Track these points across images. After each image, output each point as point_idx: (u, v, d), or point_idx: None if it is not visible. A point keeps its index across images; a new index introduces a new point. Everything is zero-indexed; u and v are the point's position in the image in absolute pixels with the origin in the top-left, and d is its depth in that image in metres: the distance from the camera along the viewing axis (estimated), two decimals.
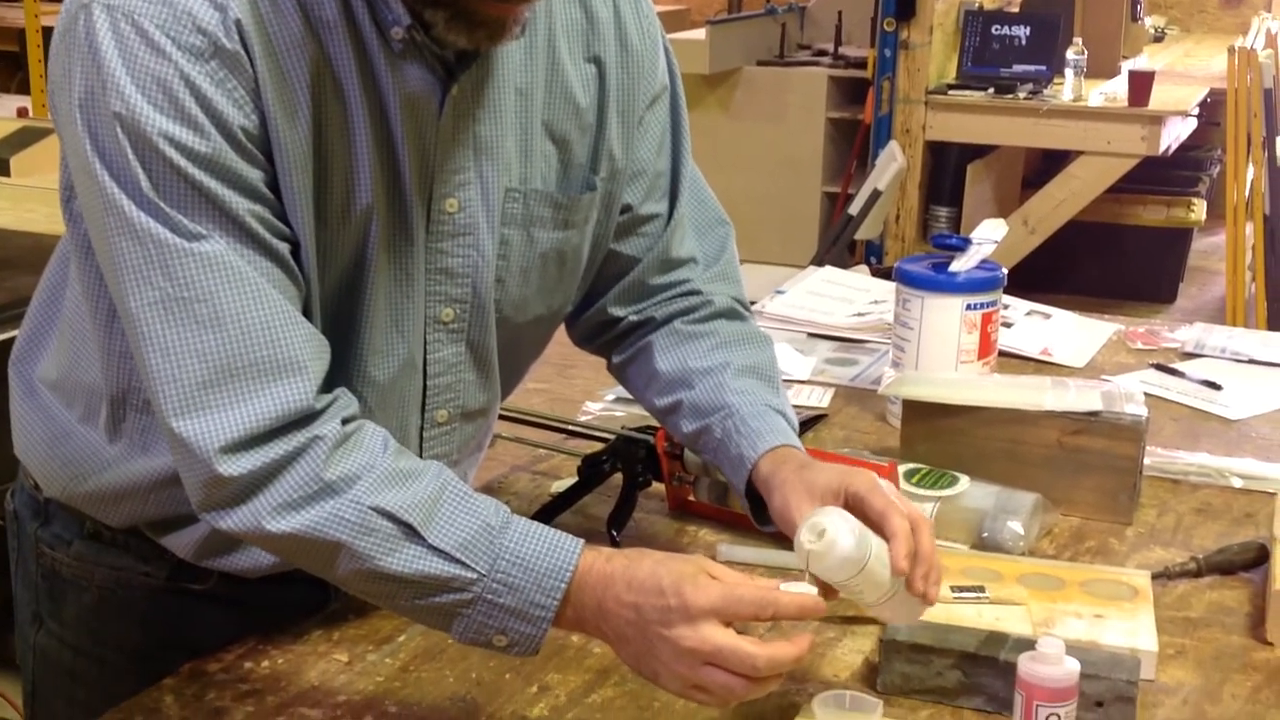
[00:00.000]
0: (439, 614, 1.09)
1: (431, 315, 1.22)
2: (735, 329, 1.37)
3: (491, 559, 1.07)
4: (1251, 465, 1.72)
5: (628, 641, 1.07)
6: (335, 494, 1.07)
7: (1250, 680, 1.25)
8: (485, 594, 1.07)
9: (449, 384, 1.26)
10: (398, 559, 1.07)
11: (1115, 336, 2.24)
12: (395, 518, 1.07)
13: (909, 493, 1.50)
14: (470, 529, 1.08)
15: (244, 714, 1.16)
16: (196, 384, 1.06)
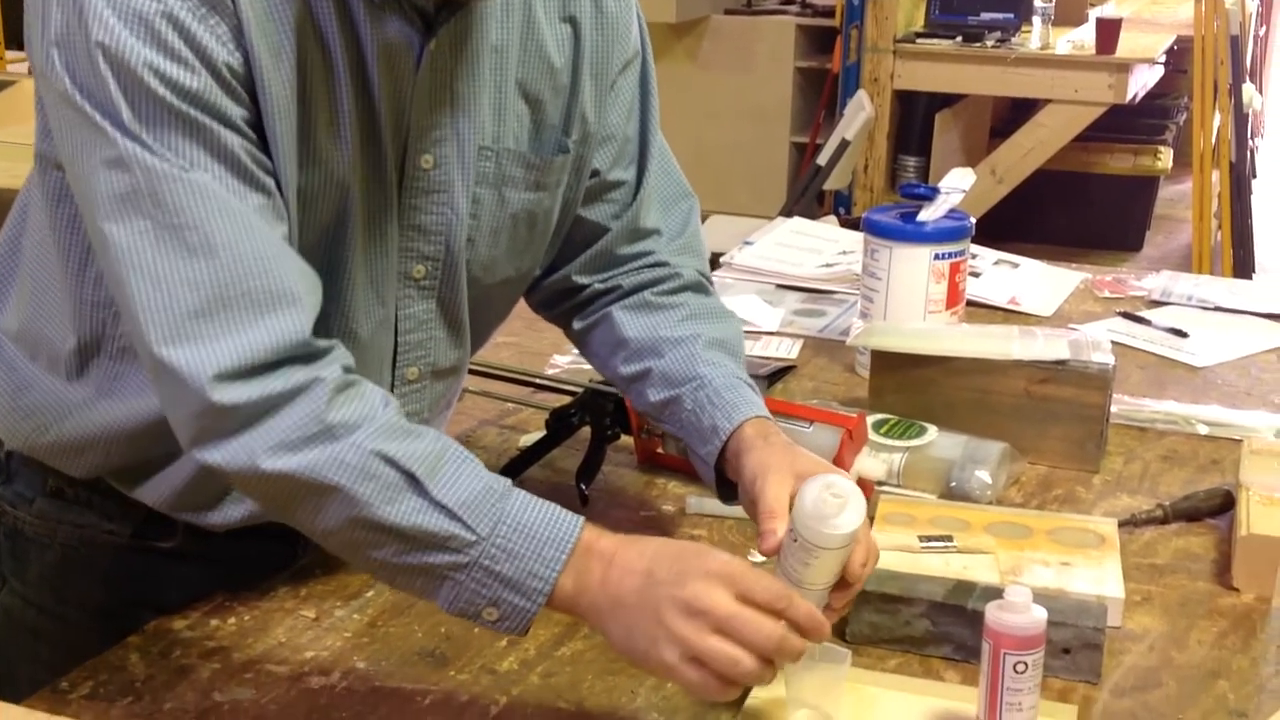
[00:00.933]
0: (428, 576, 1.05)
1: (402, 271, 1.21)
2: (703, 303, 1.37)
3: (493, 522, 1.04)
4: (1217, 412, 1.73)
5: (625, 610, 1.02)
6: (336, 438, 1.03)
7: (1216, 626, 1.26)
8: (483, 559, 1.03)
9: (420, 341, 1.25)
10: (396, 509, 1.03)
11: (1082, 285, 2.25)
12: (399, 465, 1.04)
13: (877, 443, 1.50)
14: (474, 489, 1.05)
15: (210, 671, 1.15)
16: (188, 313, 1.02)
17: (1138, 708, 1.13)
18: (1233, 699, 1.15)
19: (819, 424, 1.47)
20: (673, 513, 1.45)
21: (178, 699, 1.11)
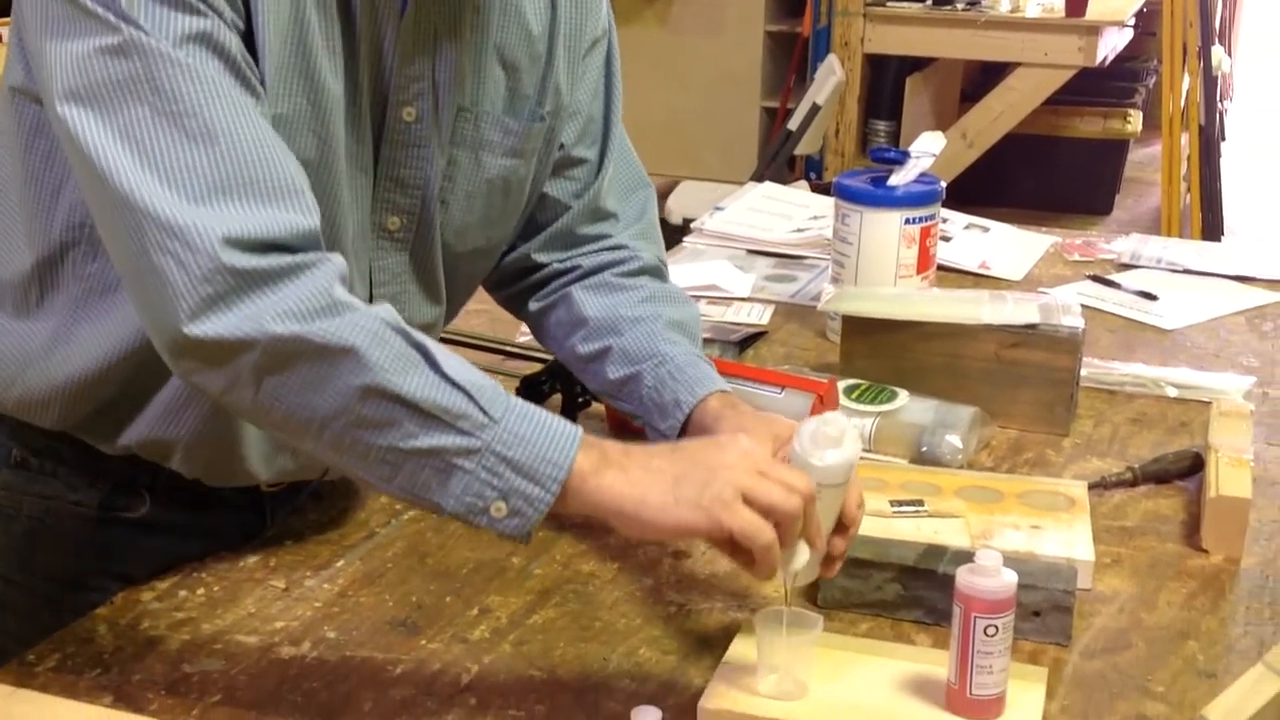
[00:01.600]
0: (435, 465, 1.00)
1: (377, 222, 1.20)
2: (663, 287, 1.37)
3: (504, 408, 1.01)
4: (1186, 375, 1.73)
5: (663, 472, 1.02)
6: (344, 311, 1.01)
7: (1185, 587, 1.27)
8: (495, 444, 1.00)
9: (394, 295, 1.24)
10: (410, 380, 0.99)
11: (1052, 249, 2.25)
12: (411, 338, 1.02)
13: (849, 409, 1.50)
14: (482, 379, 1.03)
15: (179, 642, 1.14)
16: (191, 198, 0.99)
17: (1107, 669, 1.14)
18: (1202, 660, 1.16)
19: (790, 389, 1.47)
20: None
21: (146, 670, 1.11)
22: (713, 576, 1.26)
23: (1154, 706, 1.09)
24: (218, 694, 1.08)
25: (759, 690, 1.05)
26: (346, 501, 1.37)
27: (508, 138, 1.25)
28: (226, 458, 1.22)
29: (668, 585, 1.24)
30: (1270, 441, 1.57)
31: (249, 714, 1.05)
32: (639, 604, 1.22)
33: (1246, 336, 1.90)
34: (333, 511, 1.35)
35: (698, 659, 1.13)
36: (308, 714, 1.06)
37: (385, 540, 1.31)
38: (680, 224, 3.33)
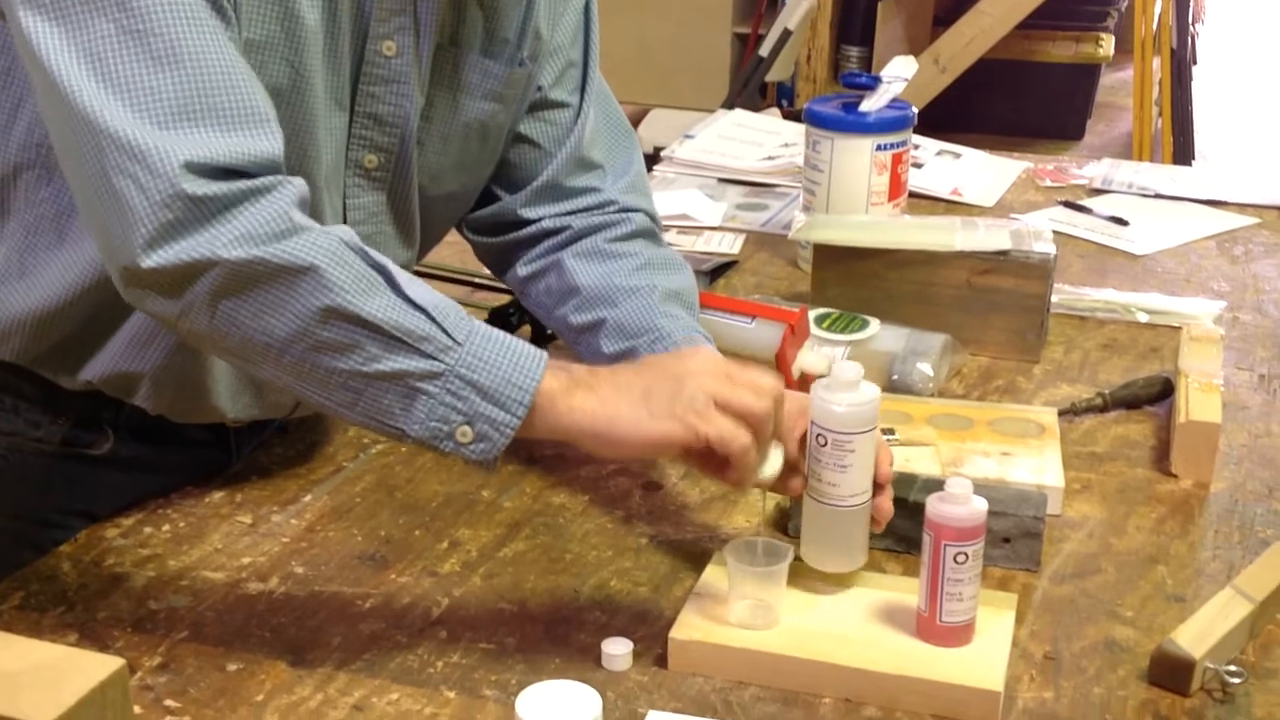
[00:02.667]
0: (399, 390, 0.98)
1: (354, 159, 1.18)
2: (658, 253, 1.33)
3: (468, 331, 1.00)
4: (1157, 300, 1.73)
5: (631, 387, 1.01)
6: (305, 231, 0.98)
7: (1155, 512, 1.27)
8: (459, 367, 0.98)
9: (369, 235, 1.22)
10: (372, 301, 0.98)
11: (1024, 174, 2.24)
12: (369, 258, 1.00)
13: (821, 337, 1.49)
14: (445, 301, 1.01)
15: (144, 579, 1.13)
16: (154, 121, 0.97)
17: (1077, 594, 1.14)
18: (1170, 584, 1.16)
19: (761, 319, 1.46)
20: None
21: (112, 608, 1.10)
22: (684, 508, 1.26)
23: (1123, 631, 1.10)
24: (185, 630, 1.07)
25: (730, 620, 1.05)
26: (314, 436, 1.36)
27: (487, 80, 1.23)
28: (192, 394, 1.20)
29: (638, 517, 1.24)
30: (1240, 366, 1.57)
31: (216, 650, 1.05)
32: (610, 536, 1.21)
33: (1217, 261, 1.90)
34: (300, 446, 1.34)
35: (669, 590, 1.13)
36: (276, 649, 1.05)
37: (353, 474, 1.30)
38: (651, 152, 3.30)
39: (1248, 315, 1.72)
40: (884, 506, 1.10)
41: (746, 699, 1.01)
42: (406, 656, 1.04)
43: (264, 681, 1.02)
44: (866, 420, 1.05)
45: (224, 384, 1.21)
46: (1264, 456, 1.37)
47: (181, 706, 0.99)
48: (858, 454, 1.06)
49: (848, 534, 1.08)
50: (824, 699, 1.01)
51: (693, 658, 1.04)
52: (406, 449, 1.35)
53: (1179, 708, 1.01)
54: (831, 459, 1.06)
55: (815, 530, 1.09)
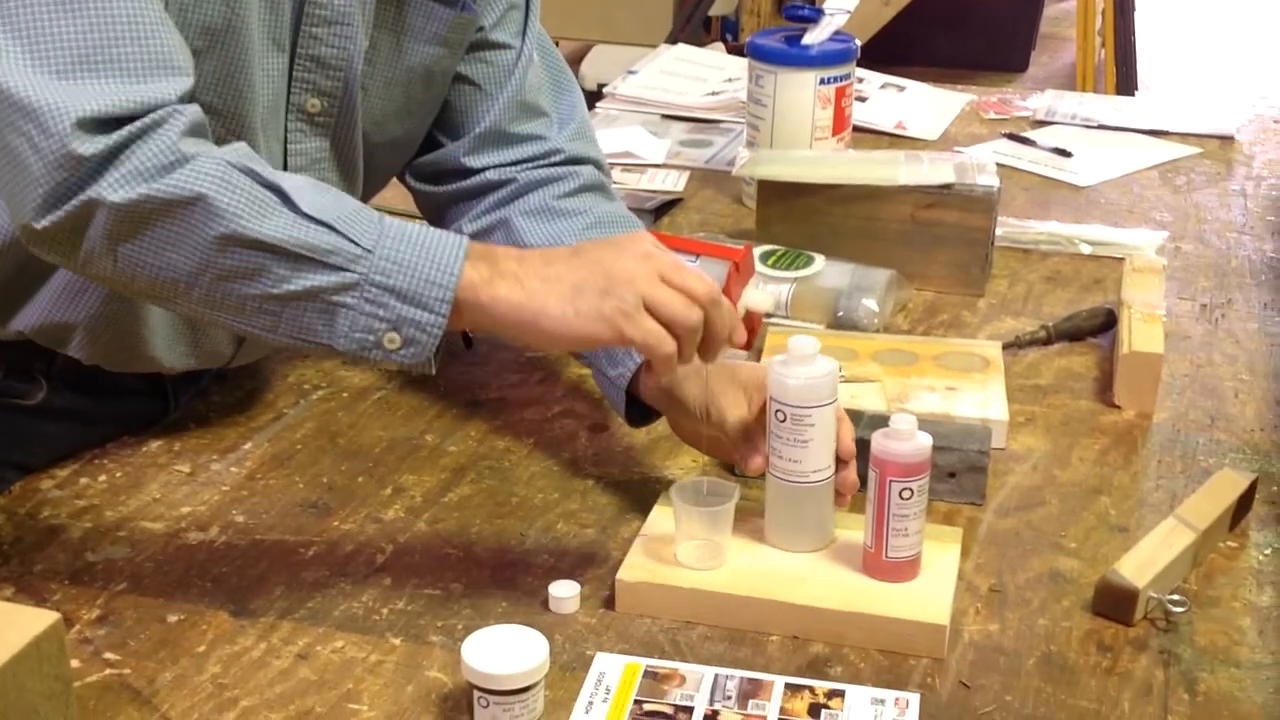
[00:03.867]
0: (317, 308, 0.96)
1: (296, 104, 1.15)
2: (607, 210, 1.30)
3: (376, 236, 0.96)
4: (1100, 231, 1.73)
5: (560, 280, 0.97)
6: (193, 160, 0.95)
7: (1098, 443, 1.28)
8: (373, 274, 0.95)
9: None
10: (269, 222, 0.95)
11: (968, 107, 2.23)
12: (260, 177, 0.96)
13: (766, 274, 1.48)
14: (349, 208, 0.98)
15: (82, 531, 1.12)
16: (52, 71, 0.94)
17: (1021, 526, 1.15)
18: (1114, 514, 1.17)
19: (705, 257, 1.44)
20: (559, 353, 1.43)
21: (48, 560, 1.08)
22: (630, 450, 1.25)
23: (1067, 562, 1.10)
24: (123, 582, 1.06)
25: (677, 560, 1.05)
26: (253, 383, 1.34)
27: (431, 23, 1.20)
28: (127, 344, 1.18)
29: (585, 459, 1.23)
30: (1182, 296, 1.58)
31: (156, 601, 1.03)
32: (555, 478, 1.20)
33: (1160, 191, 1.90)
34: (239, 393, 1.32)
35: (615, 532, 1.13)
36: (217, 599, 1.04)
37: (294, 421, 1.28)
38: (594, 89, 3.27)
39: (1190, 245, 1.73)
40: (848, 479, 1.09)
41: (694, 639, 1.01)
42: (351, 604, 1.03)
43: (206, 632, 1.00)
44: (825, 394, 1.04)
45: (159, 334, 1.18)
46: (1206, 386, 1.38)
47: (121, 659, 0.97)
48: (818, 428, 1.04)
49: (814, 511, 1.07)
50: (771, 637, 1.01)
51: (640, 599, 1.03)
52: (348, 394, 1.33)
53: (1123, 637, 1.01)
54: (791, 434, 1.04)
55: (779, 509, 1.07)
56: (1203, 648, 1.01)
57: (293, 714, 0.93)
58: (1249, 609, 1.05)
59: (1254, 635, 1.02)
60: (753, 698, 0.95)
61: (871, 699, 0.95)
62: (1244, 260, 1.69)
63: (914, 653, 0.99)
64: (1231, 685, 0.97)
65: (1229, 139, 2.10)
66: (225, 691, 0.94)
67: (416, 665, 0.97)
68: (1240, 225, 1.79)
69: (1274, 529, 1.15)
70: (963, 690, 0.96)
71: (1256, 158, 2.04)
